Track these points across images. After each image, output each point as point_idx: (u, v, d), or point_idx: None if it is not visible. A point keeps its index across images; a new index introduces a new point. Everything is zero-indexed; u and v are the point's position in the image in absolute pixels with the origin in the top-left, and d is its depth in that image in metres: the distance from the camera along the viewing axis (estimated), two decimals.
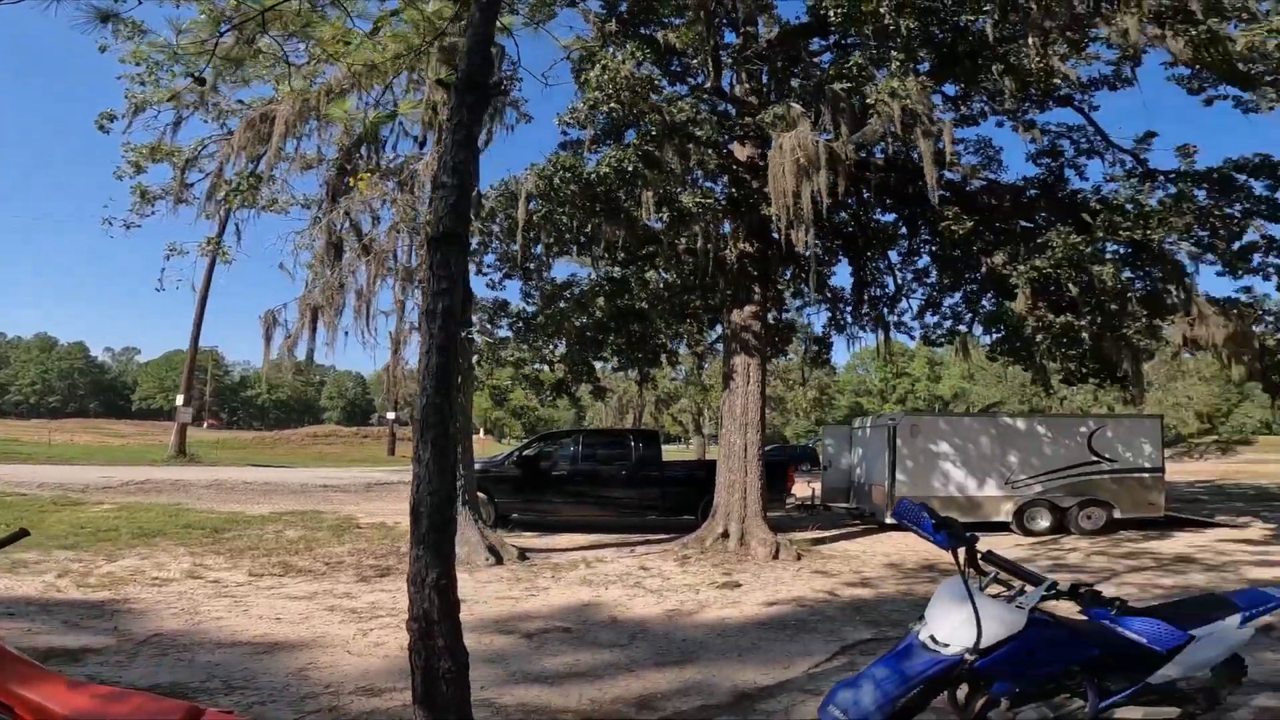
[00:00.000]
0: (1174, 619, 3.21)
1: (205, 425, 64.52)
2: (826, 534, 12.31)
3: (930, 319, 14.44)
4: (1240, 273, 11.37)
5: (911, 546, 11.15)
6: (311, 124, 9.51)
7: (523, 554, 9.72)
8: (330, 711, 4.20)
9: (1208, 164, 11.26)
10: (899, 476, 12.87)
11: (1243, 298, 11.55)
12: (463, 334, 10.16)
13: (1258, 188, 11.03)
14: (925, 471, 13.03)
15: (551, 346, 13.20)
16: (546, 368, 14.33)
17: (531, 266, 12.92)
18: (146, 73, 9.07)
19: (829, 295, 14.73)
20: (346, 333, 9.83)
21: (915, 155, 10.09)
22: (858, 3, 8.74)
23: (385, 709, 4.26)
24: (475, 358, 12.95)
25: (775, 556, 9.87)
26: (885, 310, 14.37)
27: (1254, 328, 11.28)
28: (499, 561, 9.21)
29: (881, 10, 8.61)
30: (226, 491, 17.27)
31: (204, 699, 4.14)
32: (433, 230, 3.43)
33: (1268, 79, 9.17)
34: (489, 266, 13.32)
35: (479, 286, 14.26)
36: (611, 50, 9.61)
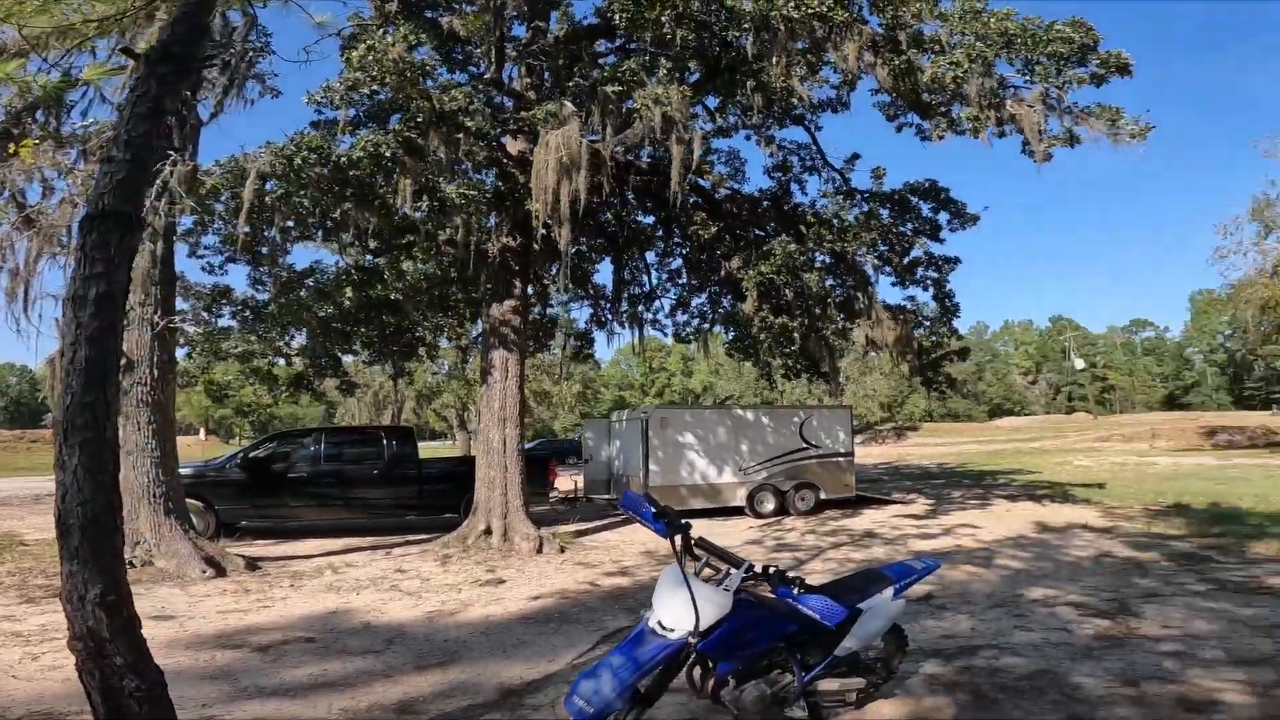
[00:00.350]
0: (841, 595, 3.44)
1: None
2: (589, 526, 12.60)
3: (681, 317, 15.48)
4: (907, 283, 13.81)
5: None
6: None
7: (252, 563, 8.71)
8: None
9: (892, 186, 13.44)
10: (652, 467, 13.70)
11: (908, 305, 14.05)
12: (163, 322, 8.79)
13: (925, 209, 13.38)
14: (674, 461, 14.01)
15: (287, 338, 11.92)
16: (282, 361, 12.92)
17: (264, 251, 11.56)
18: None
19: (592, 292, 15.20)
20: None
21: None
22: (642, 9, 9.10)
23: None
24: (187, 350, 11.29)
25: (539, 551, 9.96)
26: (642, 308, 15.16)
27: (915, 331, 13.88)
28: (221, 573, 8.21)
29: (663, 19, 9.07)
30: None
31: None
32: (91, 207, 3.04)
33: (942, 109, 10.64)
34: (207, 249, 11.63)
35: (193, 270, 12.45)
36: (384, 31, 8.97)
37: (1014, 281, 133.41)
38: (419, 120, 9.04)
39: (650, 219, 14.26)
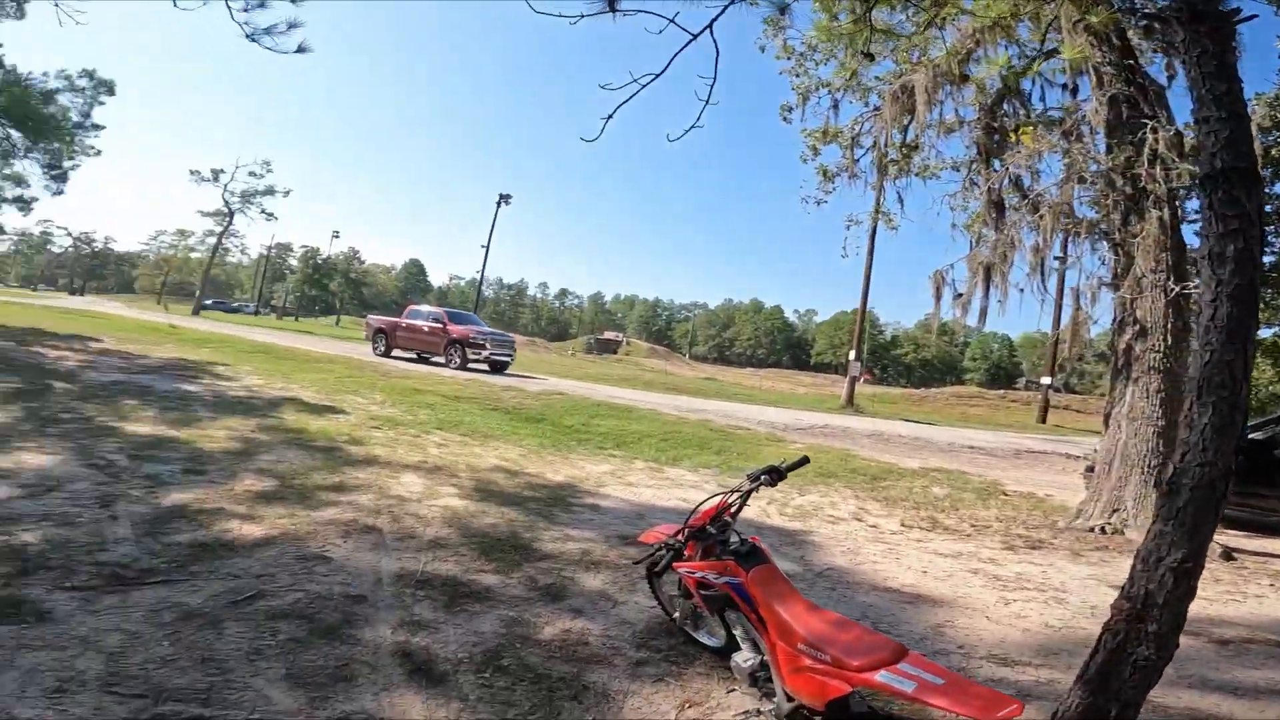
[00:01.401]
0: None
1: (862, 379, 72.92)
2: None
3: None
4: None
5: None
6: (945, 89, 9.42)
7: (1228, 553, 7.80)
8: (960, 671, 4.12)
9: None
10: None
11: None
12: (1176, 289, 8.33)
13: None
14: None
15: None
16: None
17: None
18: (796, 65, 10.29)
19: None
20: (1022, 290, 9.33)
21: None
22: None
23: (1015, 680, 4.06)
24: None
25: None
26: None
27: None
28: None
29: None
30: (883, 442, 17.46)
31: None
32: (1204, 168, 3.06)
33: None
34: (1195, 214, 10.98)
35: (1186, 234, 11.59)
36: None
37: None
38: None
39: None
